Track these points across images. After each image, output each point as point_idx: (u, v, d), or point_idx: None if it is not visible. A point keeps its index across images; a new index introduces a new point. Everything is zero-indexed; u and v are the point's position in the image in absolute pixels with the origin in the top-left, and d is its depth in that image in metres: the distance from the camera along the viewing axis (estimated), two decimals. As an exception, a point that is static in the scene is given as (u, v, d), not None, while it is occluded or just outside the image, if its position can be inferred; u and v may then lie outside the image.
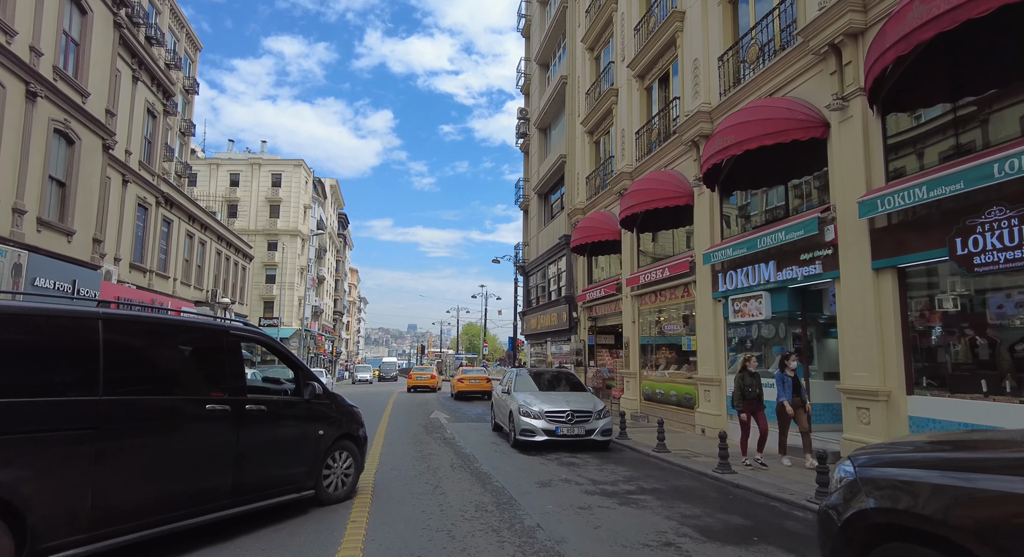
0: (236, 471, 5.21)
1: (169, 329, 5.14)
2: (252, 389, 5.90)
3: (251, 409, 5.39)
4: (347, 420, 6.84)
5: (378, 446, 11.35)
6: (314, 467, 6.19)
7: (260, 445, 5.48)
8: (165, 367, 5.03)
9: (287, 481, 5.85)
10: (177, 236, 24.44)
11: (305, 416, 6.17)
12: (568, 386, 12.81)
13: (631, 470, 8.90)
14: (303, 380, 6.26)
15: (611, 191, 18.35)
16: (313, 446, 6.19)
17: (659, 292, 15.43)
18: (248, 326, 6.10)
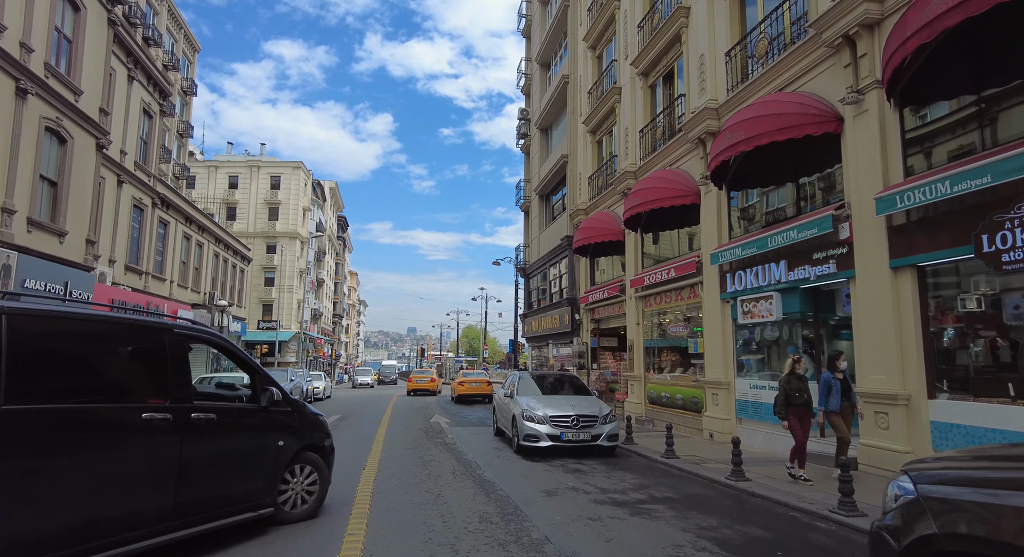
0: (179, 489, 4.61)
1: (96, 327, 4.48)
2: (201, 395, 5.50)
3: (198, 418, 4.82)
4: (311, 430, 6.23)
5: (377, 452, 11.01)
6: (273, 482, 5.61)
7: (209, 458, 4.93)
8: (90, 371, 4.42)
9: (242, 498, 5.25)
10: (174, 238, 24.12)
11: (262, 425, 5.58)
12: (572, 390, 12.49)
13: (640, 477, 8.56)
14: (260, 385, 5.65)
15: (614, 191, 18.05)
16: (272, 458, 5.60)
17: (664, 293, 15.11)
18: (197, 325, 5.48)
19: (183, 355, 4.95)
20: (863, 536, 5.53)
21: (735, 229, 12.49)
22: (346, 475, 8.55)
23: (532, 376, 12.99)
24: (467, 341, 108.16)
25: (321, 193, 69.40)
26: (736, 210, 12.64)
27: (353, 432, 14.55)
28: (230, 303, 31.96)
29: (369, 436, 13.61)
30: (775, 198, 11.55)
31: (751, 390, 11.49)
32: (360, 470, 9.04)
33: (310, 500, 6.08)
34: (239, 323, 34.31)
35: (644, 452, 10.72)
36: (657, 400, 15.33)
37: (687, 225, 14.60)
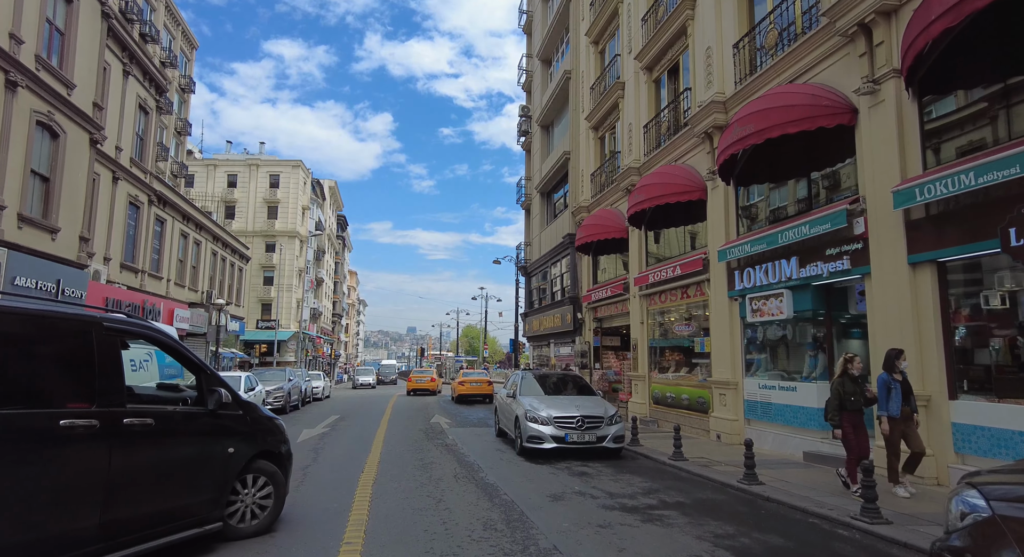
0: (107, 506, 4.03)
1: (2, 321, 3.94)
2: (140, 398, 5.04)
3: (132, 424, 4.27)
4: (265, 435, 5.63)
5: (377, 453, 10.71)
6: (221, 494, 5.05)
7: (144, 470, 4.38)
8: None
9: (184, 513, 4.67)
10: (171, 236, 23.82)
11: (209, 431, 5.02)
12: (576, 390, 12.19)
13: (649, 481, 8.26)
14: (207, 386, 5.07)
15: (618, 187, 17.75)
16: (220, 468, 5.03)
17: (669, 291, 14.81)
18: (133, 319, 4.87)
19: (115, 353, 4.38)
20: (890, 546, 5.24)
21: (743, 225, 12.20)
22: (344, 479, 8.26)
23: (535, 376, 12.69)
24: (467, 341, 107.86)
25: (320, 192, 69.09)
26: (744, 206, 12.35)
27: (352, 433, 14.26)
28: (228, 302, 31.65)
29: (368, 437, 13.32)
30: (785, 193, 11.25)
31: (760, 390, 11.20)
32: (359, 473, 8.74)
33: (262, 514, 5.46)
34: (237, 322, 34.02)
35: (651, 454, 10.43)
36: (662, 400, 15.03)
37: (693, 222, 14.30)
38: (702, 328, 13.58)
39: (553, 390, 12.07)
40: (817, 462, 9.24)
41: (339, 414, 19.96)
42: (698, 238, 14.16)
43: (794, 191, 10.98)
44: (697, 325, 13.88)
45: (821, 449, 9.48)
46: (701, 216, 13.58)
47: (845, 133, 9.18)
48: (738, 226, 12.24)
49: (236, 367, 33.63)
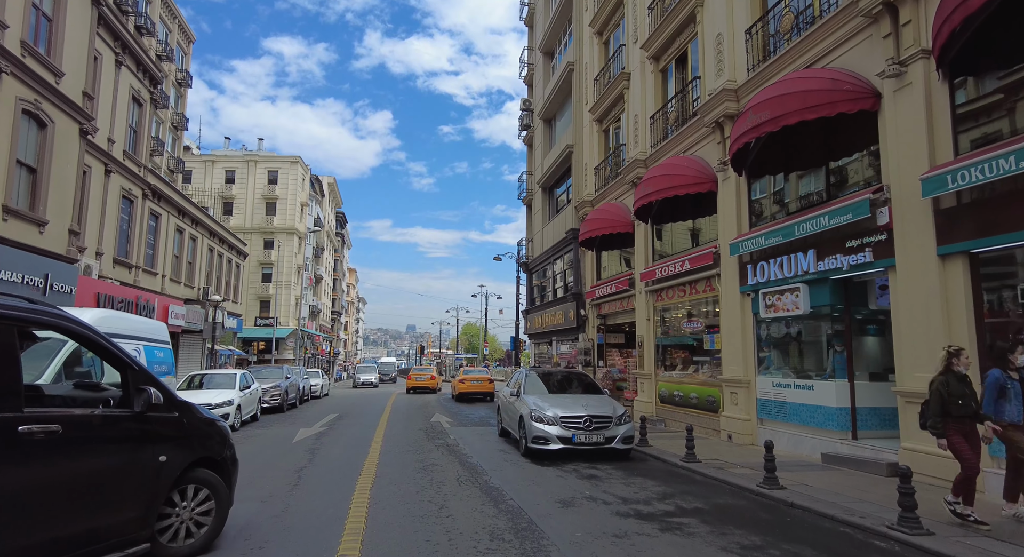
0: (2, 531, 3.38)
1: None
2: (45, 401, 4.38)
3: (30, 432, 3.54)
4: (204, 440, 4.94)
5: (375, 455, 10.28)
6: (151, 509, 4.35)
7: (50, 485, 3.65)
8: None
9: (103, 535, 3.96)
10: (166, 231, 23.36)
11: (136, 436, 4.29)
12: (582, 388, 11.76)
13: (662, 484, 7.84)
14: (133, 384, 4.37)
15: (623, 181, 17.31)
16: (149, 480, 4.32)
17: (678, 287, 14.37)
18: (36, 305, 4.00)
19: (9, 345, 3.67)
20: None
21: (756, 218, 11.75)
22: (340, 482, 7.83)
23: (540, 374, 12.26)
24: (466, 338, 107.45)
25: (319, 189, 68.61)
26: (757, 197, 11.90)
27: (350, 433, 13.83)
28: (225, 298, 31.21)
29: (366, 437, 12.89)
30: (802, 184, 10.80)
31: (774, 389, 10.77)
32: (356, 476, 8.31)
33: (200, 532, 4.77)
34: (235, 319, 33.58)
35: (661, 455, 10.00)
36: (669, 399, 14.61)
37: (702, 215, 13.86)
38: (711, 324, 13.15)
39: (559, 389, 11.64)
40: (836, 464, 8.81)
41: (337, 413, 19.54)
42: (707, 232, 13.72)
43: (811, 181, 10.53)
44: (706, 321, 13.45)
45: (840, 450, 9.05)
46: (711, 209, 13.15)
47: (867, 119, 8.74)
48: (751, 219, 11.80)
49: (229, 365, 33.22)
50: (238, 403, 14.92)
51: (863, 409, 9.26)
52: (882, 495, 6.68)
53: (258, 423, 16.47)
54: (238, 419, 14.89)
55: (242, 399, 15.46)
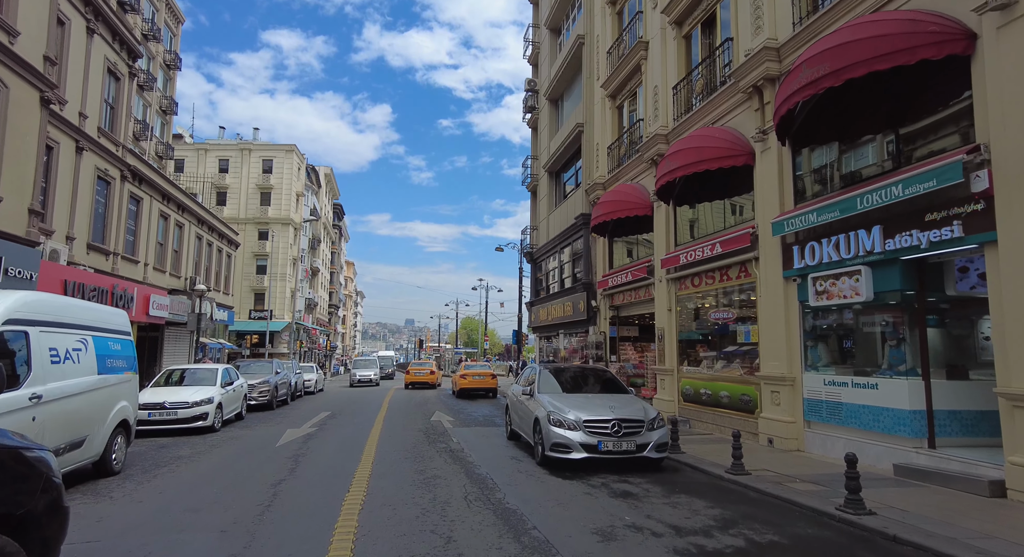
0: None
1: None
2: None
3: None
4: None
5: (368, 463, 8.90)
6: None
7: None
8: None
9: None
10: (148, 217, 21.89)
11: None
12: (603, 386, 10.37)
13: (715, 505, 6.45)
14: None
15: (641, 159, 15.88)
16: None
17: (705, 274, 12.97)
18: None
19: None
20: None
21: (802, 194, 10.33)
22: (324, 502, 6.44)
23: (555, 370, 10.85)
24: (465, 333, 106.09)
25: (316, 179, 67.04)
26: (801, 173, 10.47)
27: (341, 435, 12.45)
28: (212, 289, 29.78)
29: (359, 440, 11.51)
30: (859, 152, 9.37)
31: (826, 387, 9.39)
32: (344, 492, 6.93)
33: None
34: (226, 311, 32.15)
35: (698, 464, 8.63)
36: (694, 397, 13.23)
37: (735, 193, 12.45)
38: (746, 315, 11.77)
39: (578, 387, 10.26)
40: (915, 479, 7.44)
41: (330, 411, 18.16)
42: (741, 212, 12.31)
43: (872, 149, 9.10)
44: (739, 312, 12.07)
45: (917, 462, 7.68)
46: (746, 186, 11.74)
47: (956, 66, 7.31)
48: (796, 194, 10.38)
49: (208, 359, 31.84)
50: (219, 401, 13.54)
51: (941, 412, 7.87)
52: (1009, 528, 5.28)
53: (243, 422, 15.09)
54: (219, 419, 13.51)
55: (224, 396, 14.08)
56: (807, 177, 10.38)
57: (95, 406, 7.40)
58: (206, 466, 8.83)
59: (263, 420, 15.67)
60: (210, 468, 8.65)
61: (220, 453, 10.13)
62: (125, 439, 8.48)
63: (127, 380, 8.58)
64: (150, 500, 6.62)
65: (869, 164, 9.07)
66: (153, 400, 12.55)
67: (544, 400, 9.18)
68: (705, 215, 13.79)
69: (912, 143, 8.36)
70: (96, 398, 7.44)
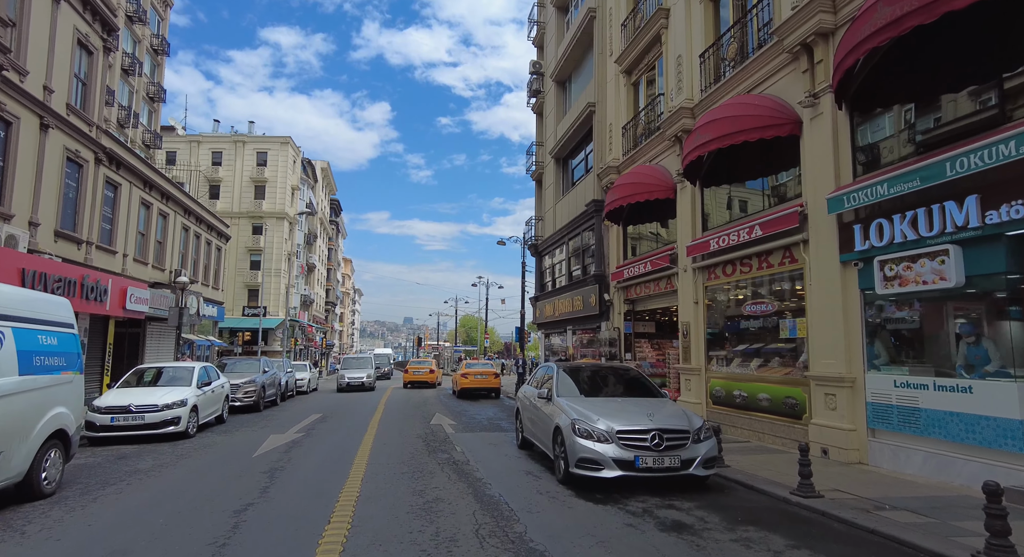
0: None
1: None
2: None
3: None
4: None
5: (357, 480, 7.47)
6: None
7: None
8: None
9: None
10: (128, 204, 20.39)
11: None
12: (631, 389, 8.91)
13: (800, 544, 5.01)
14: None
15: (662, 137, 14.43)
16: None
17: (740, 261, 11.53)
18: None
19: None
20: None
21: (866, 163, 8.89)
22: (297, 537, 4.98)
23: (573, 369, 9.38)
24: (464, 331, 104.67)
25: (312, 173, 65.52)
26: (866, 138, 9.03)
27: (330, 442, 11.02)
28: (201, 283, 28.29)
29: (350, 449, 10.08)
30: (948, 111, 7.92)
31: (898, 390, 7.96)
32: (323, 523, 5.50)
33: None
34: (215, 307, 30.65)
35: (751, 482, 7.20)
36: (727, 400, 11.81)
37: (776, 169, 11.01)
38: (790, 306, 10.35)
39: (601, 389, 8.84)
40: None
41: (321, 413, 16.73)
42: (784, 190, 10.88)
43: (955, 106, 7.67)
44: (781, 303, 10.65)
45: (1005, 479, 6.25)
46: (789, 159, 10.31)
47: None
48: (855, 165, 8.93)
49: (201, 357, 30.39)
50: (194, 403, 12.11)
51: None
52: None
53: (222, 427, 13.66)
54: (194, 423, 12.08)
55: (201, 398, 12.65)
56: (871, 145, 8.93)
57: (13, 415, 5.95)
58: (163, 484, 7.40)
59: (246, 424, 14.23)
60: (167, 487, 7.21)
61: (186, 466, 8.69)
62: (62, 453, 7.02)
63: (66, 382, 7.13)
64: (71, 536, 5.18)
65: (958, 123, 7.63)
66: (117, 403, 11.11)
67: (566, 405, 7.74)
68: (738, 196, 12.35)
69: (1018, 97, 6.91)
70: (15, 405, 5.99)
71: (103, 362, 19.04)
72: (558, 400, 8.10)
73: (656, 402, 8.05)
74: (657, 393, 8.68)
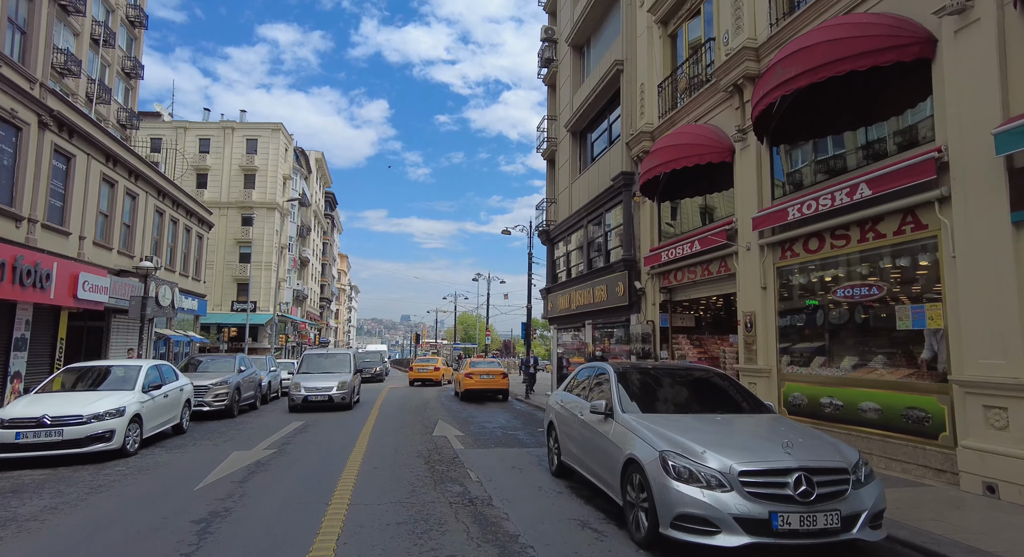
0: None
1: None
2: None
3: None
4: None
5: (330, 543, 4.94)
6: None
7: None
8: None
9: None
10: (86, 180, 17.81)
11: None
12: (727, 401, 6.30)
13: None
14: None
15: (714, 89, 11.91)
16: None
17: (833, 232, 9.01)
18: None
19: None
20: None
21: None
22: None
23: (638, 372, 6.76)
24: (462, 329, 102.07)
25: (305, 163, 62.86)
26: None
27: (306, 464, 8.48)
28: (180, 274, 25.69)
29: (330, 475, 7.55)
30: None
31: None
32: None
33: None
34: (195, 300, 28.06)
35: (931, 544, 4.70)
36: (810, 410, 9.30)
37: (889, 110, 8.48)
38: (912, 289, 7.86)
39: (687, 402, 6.28)
40: None
41: (303, 420, 14.19)
42: (906, 135, 8.36)
43: None
44: (892, 285, 8.15)
45: None
46: (914, 94, 7.81)
47: None
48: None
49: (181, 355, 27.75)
50: (135, 412, 9.57)
51: None
52: None
53: (178, 439, 11.14)
54: (135, 437, 9.55)
55: (147, 405, 10.11)
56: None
57: None
58: (32, 547, 4.87)
59: (210, 435, 11.71)
60: (33, 553, 4.68)
61: (89, 509, 6.15)
62: None
63: None
64: None
65: None
66: (26, 414, 8.55)
67: (642, 427, 5.21)
68: (822, 155, 9.82)
69: None
70: None
71: (52, 360, 16.47)
72: (626, 418, 5.57)
73: (772, 421, 5.54)
74: (762, 406, 6.14)
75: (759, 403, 6.16)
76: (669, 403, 6.11)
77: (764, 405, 6.14)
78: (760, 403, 6.16)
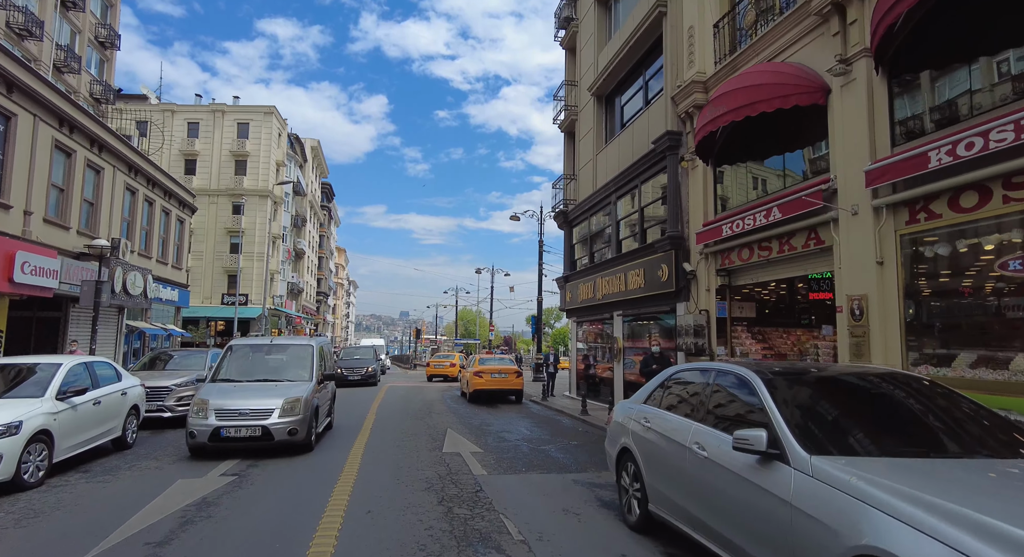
0: None
1: None
2: None
3: None
4: None
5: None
6: None
7: None
8: None
9: None
10: (32, 145, 15.24)
11: None
12: (965, 430, 3.78)
13: None
14: None
15: (799, 15, 9.35)
16: None
17: (1004, 181, 6.47)
18: None
19: None
20: None
21: None
22: None
23: (814, 383, 4.12)
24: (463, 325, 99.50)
25: (300, 150, 60.18)
26: None
27: (271, 501, 5.94)
28: (158, 260, 23.10)
29: (301, 524, 5.00)
30: None
31: None
32: None
33: None
34: (175, 290, 25.50)
35: None
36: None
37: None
38: None
39: (905, 435, 3.69)
40: None
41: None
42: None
43: None
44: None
45: None
46: None
47: None
48: None
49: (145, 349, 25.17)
50: (40, 426, 7.05)
51: None
52: None
53: (114, 458, 8.62)
54: (37, 464, 7.02)
55: (62, 417, 7.58)
56: None
57: None
58: None
59: (160, 450, 9.21)
60: None
61: None
62: None
63: None
64: None
65: None
66: None
67: (878, 490, 2.68)
68: (973, 80, 7.26)
69: None
70: None
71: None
72: (828, 470, 3.04)
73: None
74: None
75: (1012, 426, 3.61)
76: (885, 438, 3.55)
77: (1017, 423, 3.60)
78: (1015, 426, 3.62)
